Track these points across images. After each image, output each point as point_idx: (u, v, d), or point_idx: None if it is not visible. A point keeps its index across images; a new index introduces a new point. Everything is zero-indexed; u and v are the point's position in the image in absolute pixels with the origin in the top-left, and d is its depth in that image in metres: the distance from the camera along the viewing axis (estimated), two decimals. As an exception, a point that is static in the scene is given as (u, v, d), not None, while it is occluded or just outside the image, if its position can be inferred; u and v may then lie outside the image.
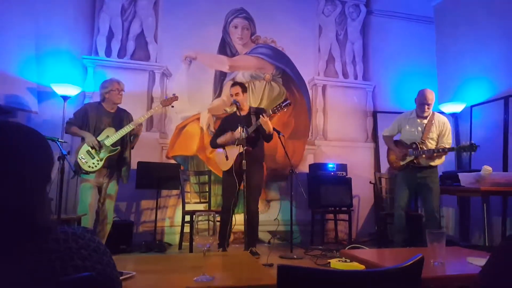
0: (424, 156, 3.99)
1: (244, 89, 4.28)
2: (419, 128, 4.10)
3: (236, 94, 4.20)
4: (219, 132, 4.35)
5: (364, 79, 6.18)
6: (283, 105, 3.98)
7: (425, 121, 4.09)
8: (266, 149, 5.14)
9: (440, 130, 4.06)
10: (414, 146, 4.06)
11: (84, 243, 0.81)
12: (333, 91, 6.03)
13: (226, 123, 4.34)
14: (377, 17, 6.36)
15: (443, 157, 4.10)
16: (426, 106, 4.04)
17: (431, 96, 4.06)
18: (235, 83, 4.38)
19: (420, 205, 5.00)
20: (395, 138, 4.39)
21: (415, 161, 4.04)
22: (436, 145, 4.06)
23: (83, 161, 3.72)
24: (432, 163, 4.04)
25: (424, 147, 4.02)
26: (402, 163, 4.13)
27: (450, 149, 3.98)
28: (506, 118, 4.93)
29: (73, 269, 0.76)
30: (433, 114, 4.13)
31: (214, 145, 4.35)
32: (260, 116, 3.96)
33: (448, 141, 4.05)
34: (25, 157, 0.82)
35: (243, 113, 4.22)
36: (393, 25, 6.36)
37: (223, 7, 5.73)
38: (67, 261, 0.77)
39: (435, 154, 3.97)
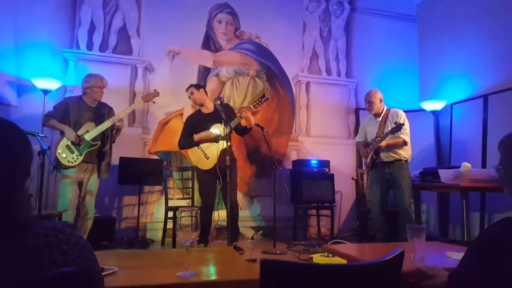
0: (381, 148, 4.07)
1: (196, 87, 4.28)
2: (376, 126, 4.26)
3: (191, 93, 4.21)
4: (186, 132, 4.25)
5: (347, 76, 6.23)
6: (262, 100, 4.11)
7: (379, 118, 4.26)
8: (249, 145, 5.15)
9: (395, 122, 4.13)
10: (372, 142, 4.20)
11: (65, 237, 0.80)
12: (316, 88, 6.06)
13: (192, 122, 4.26)
14: (361, 15, 6.40)
15: (407, 150, 4.16)
16: (368, 104, 4.28)
17: (374, 94, 4.27)
18: (187, 89, 4.33)
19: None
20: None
21: (374, 155, 4.14)
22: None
23: (63, 156, 3.66)
24: (396, 156, 4.11)
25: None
26: (368, 160, 4.26)
27: (391, 131, 3.98)
28: (485, 116, 5.03)
29: (53, 264, 0.75)
30: (388, 110, 4.29)
31: (185, 145, 4.26)
32: (244, 111, 3.98)
33: (404, 130, 4.09)
34: (4, 151, 0.80)
35: (208, 111, 4.22)
36: (376, 23, 6.42)
37: (207, 2, 5.69)
38: (47, 256, 0.75)
39: (384, 143, 4.04)
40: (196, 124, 4.19)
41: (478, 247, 1.12)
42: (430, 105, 5.66)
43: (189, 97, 4.27)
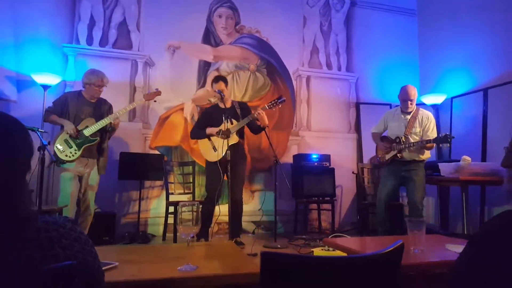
0: (406, 150, 4.02)
1: (227, 82, 4.25)
2: (403, 124, 4.14)
3: (223, 90, 4.15)
4: (201, 123, 4.28)
5: (348, 70, 6.21)
6: (278, 101, 4.10)
7: (409, 116, 4.13)
8: (250, 140, 5.15)
9: (424, 125, 4.07)
10: (397, 140, 4.10)
11: (65, 232, 0.81)
12: (317, 82, 6.05)
13: (208, 114, 4.28)
14: (361, 9, 6.38)
15: (428, 152, 4.11)
16: (409, 102, 4.07)
17: (413, 92, 4.09)
18: (217, 78, 4.27)
19: (404, 195, 5.08)
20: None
21: (398, 155, 4.07)
22: (420, 139, 4.07)
23: (60, 150, 3.66)
24: (417, 158, 4.06)
25: (406, 141, 4.06)
26: (387, 157, 4.18)
27: (428, 141, 3.94)
28: (485, 110, 5.03)
29: (53, 258, 0.76)
30: (417, 109, 4.15)
31: (195, 136, 4.29)
32: (258, 109, 3.99)
33: (432, 135, 4.03)
34: (5, 145, 0.80)
35: (226, 106, 4.21)
36: (376, 17, 6.39)
37: (207, -4, 5.68)
38: (47, 250, 0.76)
39: (413, 148, 3.98)
40: (211, 117, 4.18)
41: (478, 240, 1.12)
42: (431, 99, 5.66)
43: (219, 91, 4.09)
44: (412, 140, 4.04)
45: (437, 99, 5.61)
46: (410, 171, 4.07)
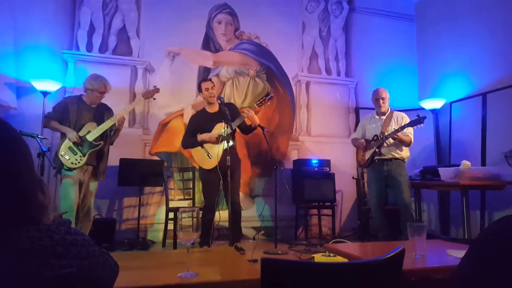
0: (384, 143, 4.10)
1: (214, 85, 4.25)
2: (379, 124, 4.28)
3: (212, 87, 4.13)
4: (190, 131, 4.20)
5: (347, 75, 6.23)
6: (266, 98, 4.08)
7: (384, 117, 4.28)
8: (250, 145, 5.15)
9: (399, 123, 4.17)
10: (375, 138, 4.22)
11: (60, 238, 0.78)
12: (316, 87, 6.07)
13: (198, 121, 4.20)
14: (360, 14, 6.41)
15: (407, 150, 4.20)
16: (381, 101, 4.27)
17: (384, 92, 4.30)
18: (207, 79, 4.32)
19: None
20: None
21: (377, 151, 4.16)
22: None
23: (66, 158, 3.62)
24: (396, 154, 4.14)
25: (383, 137, 4.14)
26: (367, 156, 4.27)
27: (402, 127, 4.03)
28: (484, 114, 5.03)
29: (49, 269, 0.74)
30: (391, 111, 4.32)
31: (188, 145, 4.23)
32: (246, 110, 3.97)
33: (408, 131, 4.11)
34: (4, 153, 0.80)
35: (213, 110, 4.18)
36: (375, 22, 6.42)
37: (207, 2, 5.69)
38: (42, 260, 0.74)
39: (390, 141, 4.08)
40: (201, 123, 4.15)
41: (479, 245, 1.11)
42: (430, 104, 5.66)
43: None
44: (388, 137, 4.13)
45: (436, 103, 5.61)
46: (392, 171, 4.14)
